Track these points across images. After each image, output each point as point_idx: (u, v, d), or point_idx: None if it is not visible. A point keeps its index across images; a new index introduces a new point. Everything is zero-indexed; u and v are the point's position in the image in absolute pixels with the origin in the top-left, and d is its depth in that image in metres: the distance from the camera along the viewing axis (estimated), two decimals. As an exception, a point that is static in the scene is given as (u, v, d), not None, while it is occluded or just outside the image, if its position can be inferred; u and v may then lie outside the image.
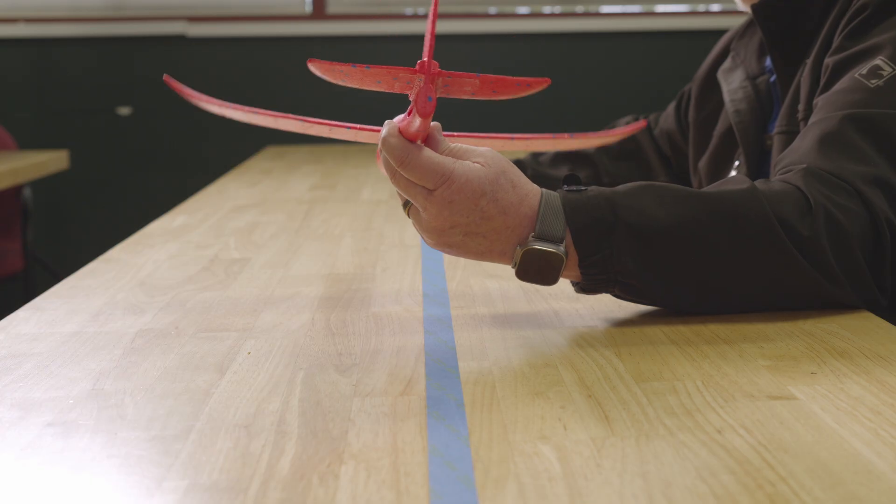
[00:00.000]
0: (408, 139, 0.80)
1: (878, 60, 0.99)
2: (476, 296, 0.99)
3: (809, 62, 1.10)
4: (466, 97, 0.80)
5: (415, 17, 3.48)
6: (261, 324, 0.91)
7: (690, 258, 0.85)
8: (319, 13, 3.48)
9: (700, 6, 3.57)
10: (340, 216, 1.51)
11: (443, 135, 0.85)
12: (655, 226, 0.84)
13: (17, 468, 0.60)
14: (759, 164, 1.22)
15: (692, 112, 1.41)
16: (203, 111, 1.05)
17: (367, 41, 3.42)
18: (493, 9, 3.53)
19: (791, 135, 1.10)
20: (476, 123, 2.88)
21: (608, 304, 0.93)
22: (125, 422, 0.67)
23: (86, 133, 3.42)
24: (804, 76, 1.10)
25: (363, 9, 3.49)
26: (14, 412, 0.69)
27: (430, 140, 0.83)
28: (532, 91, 0.78)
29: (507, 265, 0.87)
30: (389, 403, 0.69)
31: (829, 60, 1.05)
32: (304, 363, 0.79)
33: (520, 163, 1.47)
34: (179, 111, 3.37)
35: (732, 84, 1.28)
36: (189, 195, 1.85)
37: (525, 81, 0.78)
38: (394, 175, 0.82)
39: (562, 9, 3.54)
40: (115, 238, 1.47)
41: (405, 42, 3.33)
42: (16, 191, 2.86)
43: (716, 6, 3.57)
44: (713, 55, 1.40)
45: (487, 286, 1.02)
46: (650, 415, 0.66)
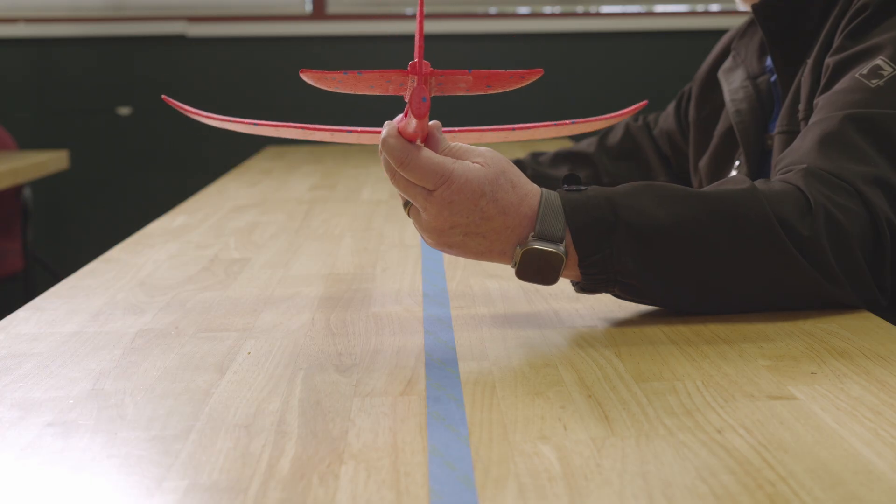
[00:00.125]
0: (407, 139, 0.80)
1: (879, 60, 0.99)
2: (476, 296, 0.99)
3: (810, 62, 1.10)
4: (461, 94, 0.80)
5: (415, 17, 3.48)
6: (261, 324, 0.91)
7: (690, 258, 0.85)
8: (319, 13, 3.48)
9: (699, 6, 3.57)
10: (340, 216, 1.51)
11: (443, 132, 0.85)
12: (655, 225, 0.84)
13: (17, 468, 0.60)
14: (760, 164, 1.22)
15: (692, 112, 1.40)
16: (201, 109, 1.05)
17: (367, 41, 3.42)
18: (494, 9, 3.54)
19: (791, 135, 1.10)
20: (476, 124, 2.87)
21: (608, 304, 0.93)
22: (125, 422, 0.67)
23: (86, 133, 3.42)
24: (805, 76, 1.10)
25: (363, 9, 3.49)
26: (14, 412, 0.69)
27: (430, 139, 0.83)
28: (526, 82, 0.78)
29: (508, 265, 0.87)
30: (389, 403, 0.69)
31: (830, 60, 1.05)
32: (304, 363, 0.79)
33: (519, 163, 1.47)
34: (179, 111, 3.37)
35: (733, 84, 1.28)
36: (189, 195, 1.85)
37: (518, 73, 0.78)
38: (394, 176, 0.82)
39: (562, 9, 3.54)
40: (115, 238, 1.47)
41: (405, 42, 3.32)
42: (16, 191, 2.86)
43: (715, 6, 3.57)
44: (714, 55, 1.40)
45: (487, 286, 1.02)
46: (650, 415, 0.66)
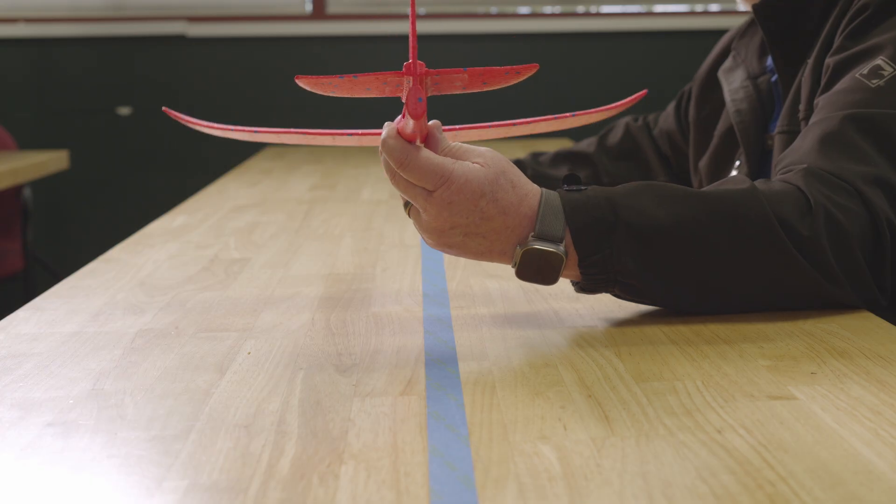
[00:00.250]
0: (406, 140, 0.80)
1: (879, 60, 0.99)
2: (476, 296, 0.99)
3: (810, 62, 1.10)
4: (458, 92, 0.80)
5: (417, 17, 3.48)
6: (261, 324, 0.91)
7: (690, 258, 0.85)
8: (319, 13, 3.48)
9: (699, 6, 3.57)
10: (340, 216, 1.51)
11: (443, 130, 0.85)
12: (655, 225, 0.84)
13: (17, 468, 0.60)
14: (761, 164, 1.22)
15: (692, 111, 1.40)
16: (202, 110, 1.05)
17: (367, 41, 3.42)
18: (494, 9, 3.53)
19: (792, 134, 1.10)
20: (476, 123, 2.87)
21: (608, 304, 0.93)
22: (125, 422, 0.67)
23: (86, 133, 3.42)
24: (805, 76, 1.10)
25: (363, 9, 3.49)
26: (14, 412, 0.69)
27: (430, 139, 0.83)
28: (521, 77, 0.78)
29: (508, 265, 0.87)
30: (389, 403, 0.69)
31: (830, 60, 1.05)
32: (304, 363, 0.79)
33: (519, 162, 1.47)
34: (179, 111, 3.37)
35: (733, 84, 1.27)
36: (189, 195, 1.85)
37: (513, 69, 0.78)
38: (394, 176, 0.82)
39: (562, 9, 3.54)
40: (115, 238, 1.47)
41: (405, 42, 3.32)
42: (16, 191, 2.86)
43: (715, 6, 3.57)
44: (714, 54, 1.40)
45: (487, 286, 1.02)
46: (650, 415, 0.66)
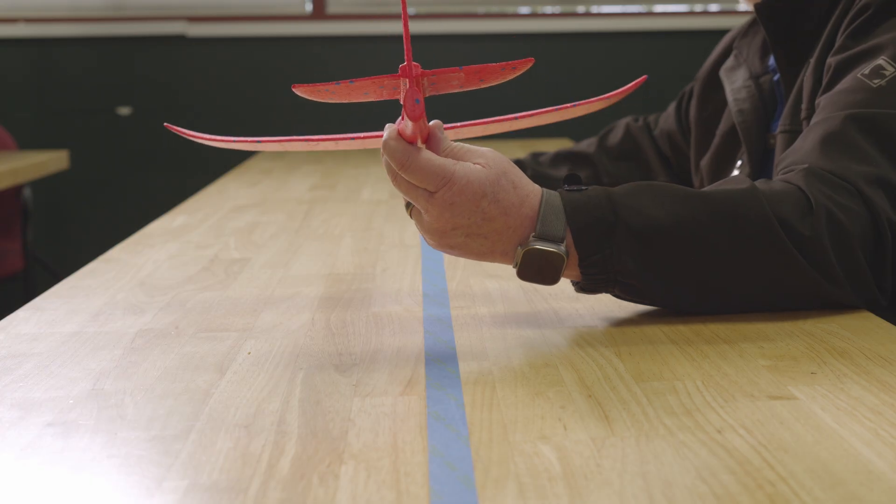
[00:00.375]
0: (407, 141, 0.80)
1: (881, 60, 0.99)
2: (476, 296, 0.99)
3: (812, 61, 1.10)
4: (456, 91, 0.80)
5: (416, 17, 3.48)
6: (261, 324, 0.91)
7: (690, 258, 0.85)
8: (319, 13, 3.48)
9: (699, 6, 3.57)
10: (340, 216, 1.51)
11: (445, 128, 0.85)
12: (655, 225, 0.84)
13: (17, 468, 0.60)
14: (762, 164, 1.22)
15: (694, 111, 1.40)
16: (202, 110, 1.05)
17: (367, 41, 3.42)
18: (495, 9, 3.53)
19: (794, 134, 1.10)
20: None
21: (608, 304, 0.93)
22: (125, 422, 0.67)
23: (86, 133, 3.42)
24: (807, 76, 1.10)
25: (363, 9, 3.49)
26: (14, 412, 0.69)
27: (432, 139, 0.83)
28: (518, 73, 0.78)
29: (509, 265, 0.87)
30: (389, 403, 0.69)
31: (832, 60, 1.05)
32: (304, 363, 0.79)
33: (519, 163, 1.47)
34: (179, 111, 3.38)
35: (735, 83, 1.27)
36: (189, 195, 1.85)
37: (509, 65, 0.78)
38: (395, 178, 0.82)
39: (562, 9, 3.54)
40: (115, 238, 1.47)
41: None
42: (16, 191, 2.86)
43: (715, 6, 3.57)
44: (715, 54, 1.40)
45: (487, 286, 1.02)
46: (650, 415, 0.66)
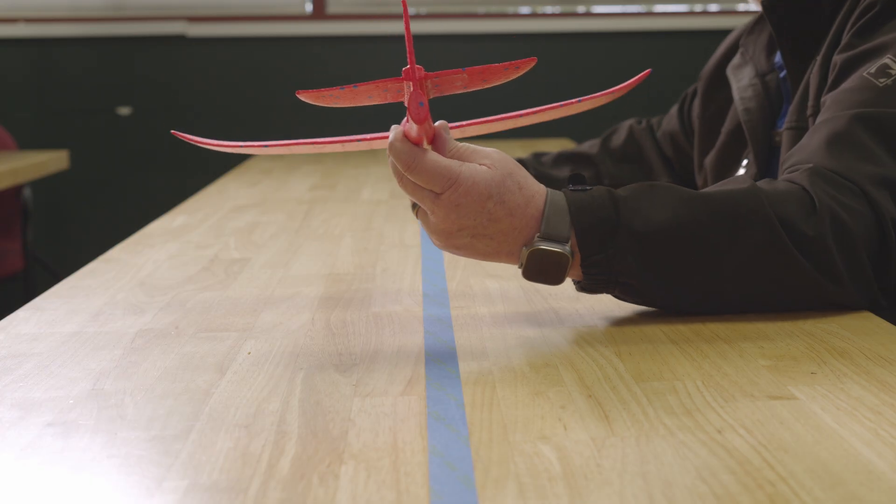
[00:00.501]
0: (413, 142, 0.80)
1: (887, 59, 0.99)
2: (476, 296, 0.99)
3: (819, 59, 1.10)
4: (459, 92, 0.80)
5: (416, 18, 3.48)
6: (261, 324, 0.91)
7: (690, 258, 0.85)
8: (319, 13, 3.48)
9: (699, 6, 3.57)
10: (340, 216, 1.51)
11: (450, 128, 0.85)
12: (656, 226, 0.84)
13: (17, 468, 0.60)
14: (768, 162, 1.21)
15: (698, 108, 1.40)
16: (202, 110, 1.05)
17: (367, 41, 3.42)
18: (495, 9, 3.53)
19: (800, 130, 1.10)
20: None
21: (608, 304, 0.93)
22: (125, 422, 0.67)
23: (86, 133, 3.42)
24: (814, 73, 1.10)
25: (363, 9, 3.49)
26: (14, 412, 0.69)
27: (437, 139, 0.83)
28: (521, 72, 0.78)
29: (515, 265, 0.87)
30: (389, 403, 0.69)
31: (838, 58, 1.05)
32: (304, 363, 0.79)
33: (522, 162, 1.47)
34: (179, 111, 3.38)
35: (742, 81, 1.27)
36: (189, 195, 1.85)
37: (512, 65, 0.78)
38: (401, 179, 0.82)
39: (562, 9, 3.54)
40: (115, 238, 1.47)
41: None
42: (16, 191, 2.86)
43: (714, 6, 3.57)
44: (721, 51, 1.40)
45: (487, 286, 1.02)
46: (650, 415, 0.66)
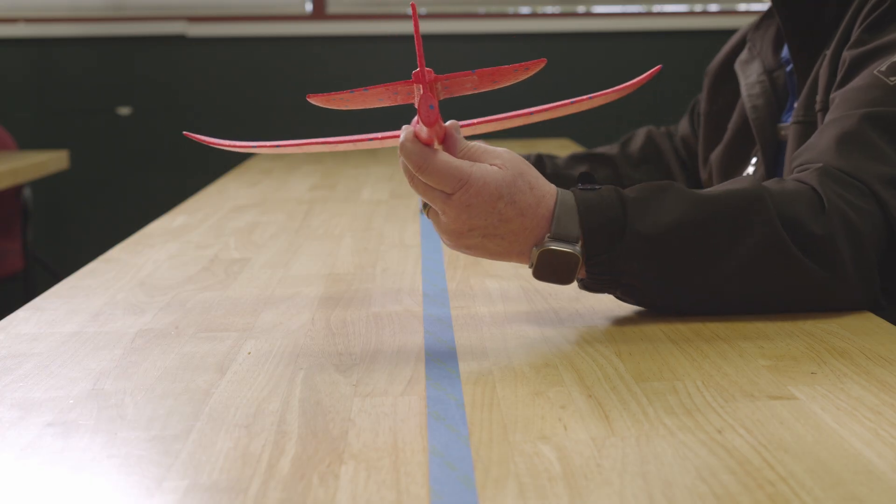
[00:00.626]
0: (424, 143, 0.80)
1: None
2: (476, 296, 0.99)
3: (828, 53, 1.09)
4: (469, 93, 0.80)
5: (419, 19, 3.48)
6: (261, 324, 0.91)
7: (692, 259, 0.85)
8: (319, 13, 3.48)
9: (699, 6, 3.57)
10: (340, 216, 1.51)
11: (461, 126, 0.85)
12: (660, 227, 0.84)
13: (17, 468, 0.60)
14: (776, 157, 1.21)
15: (704, 104, 1.40)
16: (202, 110, 1.05)
17: (367, 41, 3.42)
18: (495, 9, 3.53)
19: (807, 125, 1.09)
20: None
21: (608, 304, 0.93)
22: (125, 422, 0.67)
23: (86, 133, 3.42)
24: (823, 68, 1.09)
25: (363, 9, 3.49)
26: (14, 412, 0.69)
27: (448, 139, 0.83)
28: (531, 73, 0.79)
29: (525, 265, 0.87)
30: (389, 403, 0.69)
31: (847, 54, 1.04)
32: (304, 363, 0.79)
33: (539, 161, 1.46)
34: (179, 111, 3.38)
35: (750, 77, 1.27)
36: (189, 195, 1.85)
37: (522, 66, 0.78)
38: (412, 179, 0.82)
39: (562, 9, 3.54)
40: (115, 238, 1.47)
41: (406, 42, 3.33)
42: (16, 191, 2.86)
43: (714, 6, 3.57)
44: (729, 47, 1.40)
45: (487, 286, 1.02)
46: (650, 415, 0.66)
